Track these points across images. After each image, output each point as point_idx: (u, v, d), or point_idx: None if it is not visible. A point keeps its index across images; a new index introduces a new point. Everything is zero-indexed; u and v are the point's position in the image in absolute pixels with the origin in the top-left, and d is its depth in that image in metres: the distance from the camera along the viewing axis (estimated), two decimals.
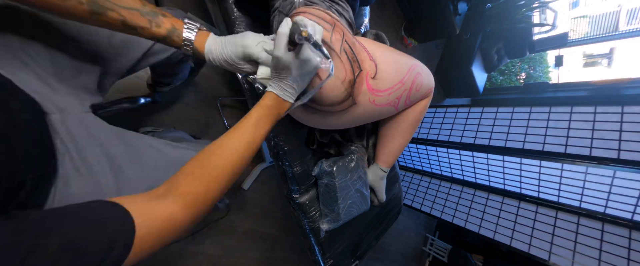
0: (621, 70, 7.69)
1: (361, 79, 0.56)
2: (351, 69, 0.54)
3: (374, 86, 0.60)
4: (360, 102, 0.59)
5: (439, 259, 2.68)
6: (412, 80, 0.67)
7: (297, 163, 0.83)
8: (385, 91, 0.62)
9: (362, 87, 0.58)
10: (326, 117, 0.62)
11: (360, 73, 0.56)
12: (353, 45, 0.56)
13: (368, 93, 0.59)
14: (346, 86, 0.54)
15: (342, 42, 0.53)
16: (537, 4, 2.12)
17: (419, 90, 0.71)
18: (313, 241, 0.88)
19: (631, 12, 6.99)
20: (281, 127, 0.78)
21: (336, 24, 0.54)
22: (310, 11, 0.54)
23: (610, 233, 1.27)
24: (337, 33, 0.53)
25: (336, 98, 0.55)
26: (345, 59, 0.53)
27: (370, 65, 0.59)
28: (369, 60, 0.59)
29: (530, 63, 4.16)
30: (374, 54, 0.61)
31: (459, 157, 1.81)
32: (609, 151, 1.19)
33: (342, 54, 0.53)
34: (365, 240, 1.06)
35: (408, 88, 0.67)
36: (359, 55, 0.56)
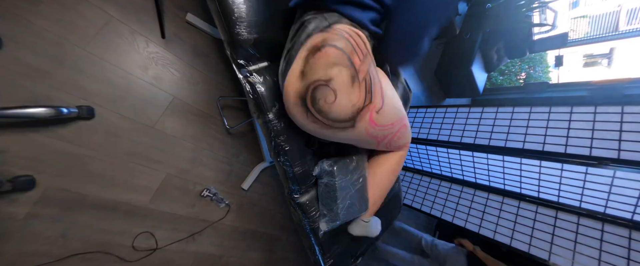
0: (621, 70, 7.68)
1: (368, 109, 0.62)
2: (364, 99, 0.60)
3: (375, 119, 0.65)
4: (357, 127, 0.64)
5: None
6: (400, 126, 0.74)
7: (297, 163, 0.83)
8: (381, 126, 0.68)
9: (366, 117, 0.63)
10: (324, 129, 0.66)
11: (369, 105, 0.62)
12: (373, 79, 0.62)
13: (368, 124, 0.64)
14: (354, 110, 0.60)
15: (366, 74, 0.60)
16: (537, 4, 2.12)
17: (400, 139, 0.77)
18: (313, 241, 0.88)
19: (631, 12, 6.98)
20: (282, 127, 0.78)
21: (367, 55, 0.61)
22: (352, 34, 0.60)
23: (610, 233, 1.27)
24: (365, 64, 0.60)
25: (342, 117, 0.60)
26: (363, 88, 0.59)
27: (378, 101, 0.64)
28: (380, 97, 0.64)
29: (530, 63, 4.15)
30: (385, 92, 0.66)
31: (459, 157, 1.81)
32: (609, 151, 1.19)
33: (362, 82, 0.59)
34: (365, 240, 1.06)
35: (395, 132, 0.73)
36: (375, 88, 0.62)
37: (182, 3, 1.12)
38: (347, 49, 0.57)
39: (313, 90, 0.58)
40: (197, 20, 1.13)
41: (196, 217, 1.18)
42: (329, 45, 0.57)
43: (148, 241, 1.06)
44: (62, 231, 0.88)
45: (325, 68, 0.57)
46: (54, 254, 0.87)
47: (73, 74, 0.89)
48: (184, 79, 1.13)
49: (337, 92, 0.57)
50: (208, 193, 1.19)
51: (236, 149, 1.30)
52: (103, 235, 0.96)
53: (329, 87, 0.57)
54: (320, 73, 0.57)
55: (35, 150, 0.84)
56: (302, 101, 0.61)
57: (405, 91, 0.87)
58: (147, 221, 1.05)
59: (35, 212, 0.84)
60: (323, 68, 0.57)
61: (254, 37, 0.74)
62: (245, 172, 1.34)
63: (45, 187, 0.86)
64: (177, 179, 1.12)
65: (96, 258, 0.94)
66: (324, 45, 0.58)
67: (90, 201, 0.93)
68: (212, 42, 1.21)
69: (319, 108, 0.59)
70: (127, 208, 1.01)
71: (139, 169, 1.03)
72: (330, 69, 0.57)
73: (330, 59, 0.57)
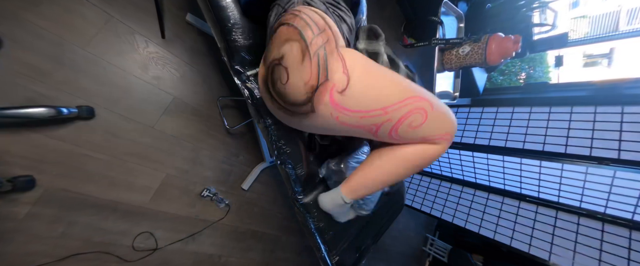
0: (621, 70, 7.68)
1: (324, 89, 0.54)
2: (317, 75, 0.53)
3: (340, 102, 0.55)
4: (320, 112, 0.56)
5: (439, 259, 2.68)
6: (405, 114, 0.57)
7: (300, 165, 0.84)
8: (353, 112, 0.56)
9: (324, 98, 0.54)
10: (291, 116, 0.61)
11: (325, 82, 0.53)
12: (330, 54, 0.54)
13: (330, 107, 0.55)
14: (307, 90, 0.53)
15: (320, 47, 0.53)
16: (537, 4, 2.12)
17: (416, 128, 0.59)
18: (319, 240, 0.88)
19: (631, 12, 6.98)
20: (282, 130, 0.78)
21: (325, 30, 0.55)
22: (305, 11, 0.55)
23: (610, 233, 1.27)
24: (320, 38, 0.53)
25: (297, 98, 0.55)
26: (314, 63, 0.52)
27: (340, 79, 0.54)
28: (342, 73, 0.54)
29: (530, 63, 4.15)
30: (352, 69, 0.55)
31: (459, 157, 1.81)
32: (609, 151, 1.19)
33: (314, 57, 0.52)
34: (369, 234, 1.06)
35: (395, 120, 0.57)
36: (332, 64, 0.54)
37: (182, 3, 1.12)
38: (299, 24, 0.54)
39: (271, 72, 0.56)
40: (197, 20, 1.13)
41: (196, 217, 1.18)
42: (282, 24, 0.56)
43: (148, 241, 1.06)
44: (62, 231, 0.88)
45: (278, 46, 0.55)
46: (54, 254, 0.87)
47: (73, 74, 0.89)
48: (183, 79, 1.13)
49: (288, 69, 0.53)
50: (208, 193, 1.19)
51: (236, 149, 1.30)
52: (103, 235, 0.96)
53: (281, 66, 0.54)
54: (275, 53, 0.55)
55: (35, 150, 0.84)
56: (265, 86, 0.59)
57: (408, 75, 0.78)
58: (147, 221, 1.05)
59: (35, 212, 0.84)
60: (276, 47, 0.55)
61: (250, 42, 0.74)
62: (245, 172, 1.34)
63: (45, 187, 0.86)
64: (177, 179, 1.12)
65: (96, 258, 0.94)
66: (278, 25, 0.57)
67: (90, 201, 0.93)
68: (212, 42, 1.21)
69: (277, 91, 0.56)
70: (127, 208, 1.01)
71: (139, 169, 1.03)
72: (283, 46, 0.54)
73: (283, 36, 0.54)
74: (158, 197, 1.07)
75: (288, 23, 0.54)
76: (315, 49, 0.52)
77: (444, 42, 1.40)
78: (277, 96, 0.57)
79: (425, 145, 0.63)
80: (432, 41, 1.38)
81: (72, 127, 0.90)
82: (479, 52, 1.35)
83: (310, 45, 0.52)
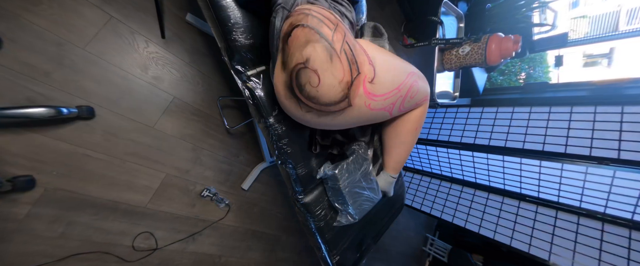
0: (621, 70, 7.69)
1: (358, 82, 0.56)
2: (350, 71, 0.54)
3: (371, 90, 0.60)
4: (355, 105, 0.59)
5: (439, 259, 2.68)
6: (409, 87, 0.68)
7: (300, 165, 0.84)
8: (381, 96, 0.62)
9: (359, 90, 0.57)
10: (321, 117, 0.61)
11: (358, 76, 0.56)
12: (353, 47, 0.55)
13: (364, 97, 0.59)
14: (343, 87, 0.54)
15: (342, 43, 0.53)
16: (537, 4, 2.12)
17: (414, 97, 0.71)
18: (319, 240, 0.88)
19: (631, 12, 6.98)
20: (283, 130, 0.78)
21: (338, 24, 0.55)
22: (314, 9, 0.55)
23: (610, 233, 1.27)
24: (339, 33, 0.54)
25: (333, 98, 0.55)
26: (344, 60, 0.53)
27: (368, 69, 0.58)
28: (368, 64, 0.59)
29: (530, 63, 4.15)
30: (373, 58, 0.61)
31: (459, 157, 1.81)
32: (609, 151, 1.19)
33: (341, 54, 0.53)
34: (369, 234, 1.07)
35: (403, 95, 0.67)
36: (359, 57, 0.56)
37: (182, 3, 1.12)
38: (314, 23, 0.53)
39: (296, 77, 0.55)
40: (197, 20, 1.13)
41: (196, 217, 1.18)
42: (295, 26, 0.55)
43: (148, 241, 1.06)
44: (61, 231, 0.89)
45: (299, 49, 0.54)
46: (53, 254, 0.87)
47: (73, 74, 0.89)
48: (184, 79, 1.13)
49: (318, 71, 0.52)
50: (208, 193, 1.19)
51: (236, 149, 1.30)
52: (103, 235, 0.96)
53: (308, 69, 0.53)
54: (297, 56, 0.54)
55: (35, 150, 0.84)
56: (290, 92, 0.59)
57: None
58: (147, 221, 1.05)
59: (35, 212, 0.84)
60: (298, 51, 0.54)
61: (250, 42, 0.74)
62: (245, 172, 1.34)
63: (45, 187, 0.86)
64: (177, 179, 1.12)
65: (96, 258, 0.94)
66: (291, 28, 0.56)
67: (90, 201, 0.93)
68: (212, 42, 1.21)
69: (307, 94, 0.56)
70: (127, 208, 1.01)
71: (139, 169, 1.03)
72: (304, 49, 0.53)
73: (301, 38, 0.53)
74: (158, 197, 1.07)
75: (302, 24, 0.53)
76: (339, 45, 0.53)
77: (444, 42, 1.40)
78: (308, 99, 0.56)
79: (419, 109, 0.78)
80: (432, 41, 1.39)
81: (72, 127, 0.90)
82: (479, 52, 1.35)
83: (333, 43, 0.53)
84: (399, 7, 2.34)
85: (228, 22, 0.71)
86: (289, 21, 0.56)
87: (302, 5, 0.59)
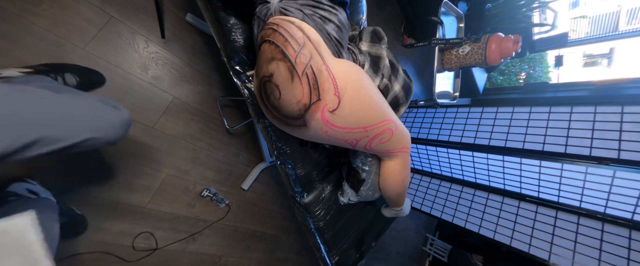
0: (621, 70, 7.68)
1: (316, 107, 0.57)
2: (309, 94, 0.55)
3: (330, 119, 0.58)
4: (311, 127, 0.60)
5: (439, 259, 2.68)
6: (378, 133, 0.65)
7: (299, 165, 0.84)
8: (341, 128, 0.61)
9: (316, 115, 0.57)
10: (283, 125, 0.65)
11: (317, 102, 0.56)
12: (319, 73, 0.55)
13: (321, 123, 0.59)
14: (300, 107, 0.56)
15: (306, 66, 0.54)
16: (537, 4, 2.12)
17: (384, 143, 0.68)
18: (319, 240, 0.88)
19: (631, 12, 6.98)
20: (281, 131, 0.78)
21: (306, 43, 0.55)
22: (283, 25, 0.56)
23: (610, 233, 1.27)
24: (303, 55, 0.54)
25: (290, 113, 0.58)
26: (304, 83, 0.54)
27: (332, 99, 0.56)
28: (334, 95, 0.56)
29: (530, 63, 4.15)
30: (342, 90, 0.57)
31: (459, 157, 1.81)
32: (609, 151, 1.19)
33: (303, 77, 0.54)
34: (369, 235, 1.07)
35: (371, 137, 0.65)
36: (323, 85, 0.55)
37: (182, 3, 1.12)
38: (279, 41, 0.54)
39: (263, 86, 0.59)
40: (197, 20, 1.13)
41: (196, 217, 1.18)
42: (263, 41, 0.57)
43: (148, 241, 1.06)
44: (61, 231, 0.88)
45: (265, 64, 0.57)
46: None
47: None
48: (184, 79, 1.13)
49: (279, 87, 0.55)
50: (208, 193, 1.19)
51: (236, 149, 1.30)
52: (103, 235, 0.96)
53: (272, 83, 0.56)
54: (264, 70, 0.57)
55: None
56: (260, 96, 0.63)
57: (405, 81, 0.83)
58: (147, 221, 1.06)
59: None
60: (264, 65, 0.57)
61: (250, 42, 0.74)
62: (245, 172, 1.34)
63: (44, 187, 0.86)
64: (177, 179, 1.12)
65: (96, 258, 0.94)
66: (261, 42, 0.59)
67: (90, 201, 0.93)
68: (212, 42, 1.21)
69: (271, 103, 0.60)
70: (127, 208, 1.01)
71: (139, 169, 1.03)
72: (269, 64, 0.55)
73: (267, 54, 0.56)
74: (158, 197, 1.08)
75: (268, 40, 0.56)
76: (302, 68, 0.54)
77: (444, 42, 1.40)
78: (272, 108, 0.61)
79: (396, 160, 0.76)
80: (432, 41, 1.39)
81: None
82: (479, 52, 1.35)
83: (296, 65, 0.53)
84: (399, 7, 2.34)
85: (227, 23, 0.71)
86: (261, 34, 0.59)
87: (274, 17, 0.59)
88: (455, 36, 1.62)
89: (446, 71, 1.57)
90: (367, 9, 1.10)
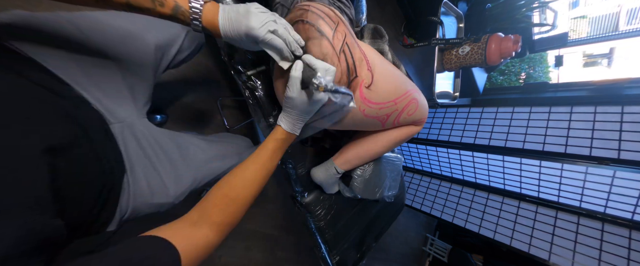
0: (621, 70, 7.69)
1: (355, 85, 0.56)
2: (347, 72, 0.53)
3: (367, 96, 0.59)
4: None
5: (439, 259, 2.68)
6: (406, 104, 0.67)
7: (300, 165, 0.84)
8: (376, 104, 0.61)
9: (355, 94, 0.57)
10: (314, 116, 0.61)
11: (355, 79, 0.55)
12: (353, 49, 0.55)
13: (360, 101, 0.59)
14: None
15: (342, 43, 0.52)
16: (537, 4, 2.12)
17: (411, 116, 0.71)
18: (319, 239, 0.88)
19: (631, 12, 6.98)
20: None
21: (339, 23, 0.53)
22: (314, 5, 0.53)
23: (610, 233, 1.28)
24: (339, 32, 0.52)
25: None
26: (342, 61, 0.52)
27: (366, 75, 0.58)
28: (367, 69, 0.58)
29: (530, 63, 4.15)
30: (373, 64, 0.60)
31: (459, 157, 1.81)
32: (609, 151, 1.19)
33: (341, 54, 0.52)
34: (370, 235, 1.07)
35: (400, 110, 0.67)
36: (358, 61, 0.56)
37: None
38: (313, 19, 0.51)
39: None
40: None
41: None
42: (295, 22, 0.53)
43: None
44: None
45: None
46: None
47: None
48: (184, 79, 1.13)
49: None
50: None
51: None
52: None
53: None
54: None
55: None
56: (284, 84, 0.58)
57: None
58: (147, 221, 1.05)
59: None
60: None
61: None
62: None
63: None
64: None
65: None
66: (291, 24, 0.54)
67: None
68: (212, 42, 1.21)
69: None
70: None
71: None
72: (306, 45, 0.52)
73: (301, 35, 0.51)
74: None
75: (301, 20, 0.51)
76: (338, 45, 0.52)
77: (443, 42, 1.40)
78: None
79: (411, 127, 0.76)
80: (432, 41, 1.39)
81: None
82: (478, 52, 1.35)
83: (332, 41, 0.51)
84: (399, 7, 2.34)
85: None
86: (289, 17, 0.55)
87: (302, 2, 0.58)
88: (455, 36, 1.62)
89: (446, 71, 1.57)
90: (367, 9, 1.10)
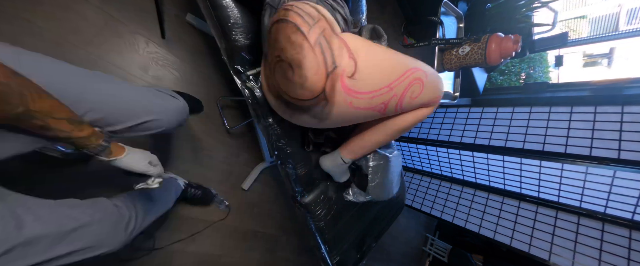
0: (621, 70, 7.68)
1: (335, 76, 0.54)
2: (324, 63, 0.52)
3: (352, 86, 0.56)
4: (335, 102, 0.57)
5: (439, 259, 2.68)
6: (406, 87, 0.61)
7: (300, 165, 0.84)
8: (365, 93, 0.58)
9: (337, 86, 0.55)
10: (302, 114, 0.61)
11: (334, 70, 0.54)
12: (330, 39, 0.54)
13: (343, 94, 0.56)
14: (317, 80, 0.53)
15: (319, 36, 0.52)
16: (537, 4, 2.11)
17: (416, 99, 0.65)
18: (319, 240, 0.88)
19: (631, 12, 6.98)
20: (282, 130, 0.78)
21: (320, 20, 0.54)
22: (297, 5, 0.54)
23: (610, 233, 1.27)
24: (317, 27, 0.52)
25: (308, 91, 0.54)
26: (318, 52, 0.52)
27: (348, 63, 0.55)
28: (348, 58, 0.55)
29: (530, 63, 4.15)
30: (355, 51, 0.56)
31: (459, 157, 1.81)
32: (609, 151, 1.19)
33: (316, 46, 0.51)
34: (370, 235, 1.07)
35: (399, 94, 0.61)
36: (335, 50, 0.54)
37: (182, 3, 1.12)
38: (293, 17, 0.52)
39: (275, 71, 0.56)
40: (197, 21, 1.13)
41: (196, 217, 1.18)
42: (275, 21, 0.55)
43: (148, 241, 1.06)
44: None
45: (274, 43, 0.54)
46: None
47: None
48: (184, 79, 1.13)
49: (292, 63, 0.52)
50: None
51: (236, 149, 1.30)
52: None
53: (284, 62, 0.53)
54: (275, 50, 0.55)
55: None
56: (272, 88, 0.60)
57: None
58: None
59: None
60: (274, 44, 0.55)
61: (250, 42, 0.74)
62: (245, 172, 1.34)
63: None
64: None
65: (96, 258, 0.94)
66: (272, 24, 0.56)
67: None
68: (212, 42, 1.21)
69: (286, 88, 0.56)
70: None
71: None
72: (278, 42, 0.53)
73: (280, 32, 0.53)
74: None
75: (282, 19, 0.53)
76: (315, 38, 0.51)
77: (443, 42, 1.40)
78: (287, 94, 0.57)
79: (419, 111, 0.70)
80: (432, 41, 1.39)
81: None
82: (478, 52, 1.35)
83: (308, 35, 0.51)
84: (399, 7, 2.34)
85: (227, 22, 0.71)
86: (273, 17, 0.56)
87: (288, 2, 0.59)
88: (455, 36, 1.62)
89: (446, 71, 1.57)
90: (367, 9, 1.10)
